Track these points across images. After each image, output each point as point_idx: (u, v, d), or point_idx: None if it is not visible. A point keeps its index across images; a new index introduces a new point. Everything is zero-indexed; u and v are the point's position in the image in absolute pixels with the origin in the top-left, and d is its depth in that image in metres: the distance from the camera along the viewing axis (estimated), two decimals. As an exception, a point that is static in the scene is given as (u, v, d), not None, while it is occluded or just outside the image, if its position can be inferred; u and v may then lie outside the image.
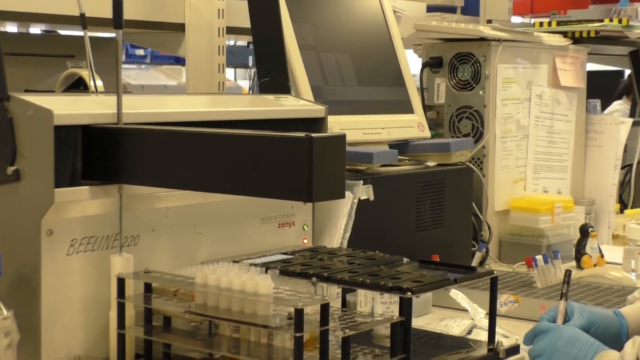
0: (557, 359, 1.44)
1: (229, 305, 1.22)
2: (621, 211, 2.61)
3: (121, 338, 1.30)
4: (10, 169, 1.27)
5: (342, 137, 1.18)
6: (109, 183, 1.33)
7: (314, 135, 1.12)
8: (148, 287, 1.31)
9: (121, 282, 1.30)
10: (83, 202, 1.31)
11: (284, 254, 1.51)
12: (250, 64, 5.64)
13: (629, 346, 1.37)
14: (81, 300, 1.32)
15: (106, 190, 1.33)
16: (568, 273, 1.63)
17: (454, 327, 1.63)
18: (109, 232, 1.34)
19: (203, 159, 1.26)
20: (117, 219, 1.34)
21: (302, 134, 1.13)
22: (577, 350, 1.43)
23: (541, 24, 2.66)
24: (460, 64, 2.32)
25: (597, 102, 2.76)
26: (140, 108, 1.39)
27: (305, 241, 1.63)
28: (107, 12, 1.35)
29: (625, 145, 2.64)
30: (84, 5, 1.55)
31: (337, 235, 1.66)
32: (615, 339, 1.53)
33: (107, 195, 1.33)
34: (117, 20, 1.34)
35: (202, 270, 1.26)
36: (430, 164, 2.04)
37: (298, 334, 1.13)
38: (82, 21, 1.54)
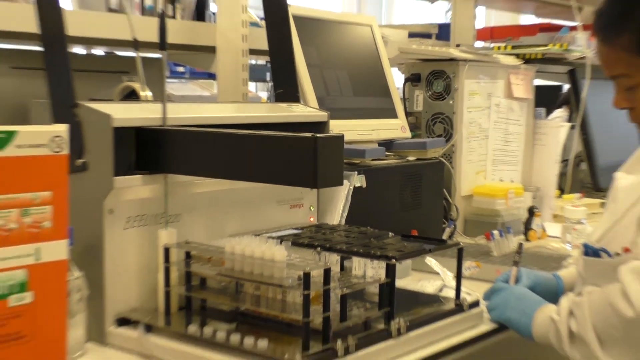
0: (508, 311, 1.44)
1: (252, 269, 1.23)
2: (560, 196, 2.61)
3: (167, 295, 1.31)
4: (79, 162, 1.27)
5: (340, 137, 1.18)
6: (156, 173, 1.33)
7: (318, 135, 1.12)
8: (188, 255, 1.32)
9: (167, 251, 1.30)
10: (136, 188, 1.31)
11: (295, 229, 1.51)
12: (268, 79, 5.63)
13: (564, 300, 1.37)
14: (135, 265, 1.32)
15: (154, 178, 1.33)
16: (520, 245, 1.63)
17: (428, 286, 1.63)
18: (157, 211, 1.34)
19: (230, 153, 1.26)
20: (163, 201, 1.34)
21: (309, 134, 1.13)
22: (524, 305, 1.43)
23: (499, 47, 2.66)
24: (434, 79, 2.31)
25: (543, 110, 2.75)
26: (181, 113, 1.39)
27: (311, 219, 1.63)
28: (154, 37, 1.34)
29: (564, 145, 2.65)
30: (136, 31, 1.55)
31: (337, 214, 1.66)
32: (554, 295, 1.52)
33: (155, 182, 1.33)
34: (162, 44, 1.34)
35: (230, 241, 1.26)
36: (411, 158, 2.04)
37: (306, 292, 1.14)
38: (135, 44, 1.54)
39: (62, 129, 1.00)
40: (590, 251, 1.41)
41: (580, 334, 1.30)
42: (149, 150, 1.32)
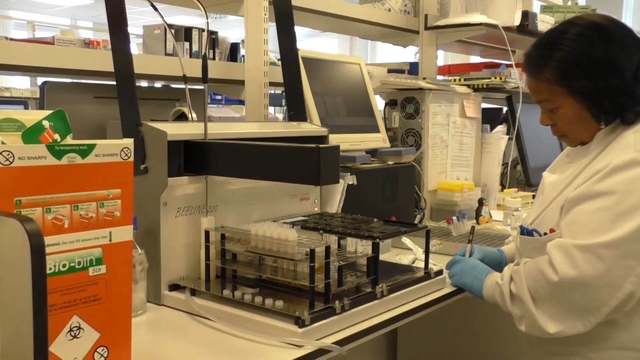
0: (465, 277, 1.42)
1: (271, 247, 1.21)
2: (502, 190, 2.59)
3: (207, 267, 1.30)
4: (142, 166, 1.26)
5: (337, 147, 1.16)
6: (199, 174, 1.31)
7: (320, 145, 1.11)
8: (222, 236, 1.30)
9: (207, 233, 1.29)
10: (184, 186, 1.30)
11: (303, 216, 1.49)
12: (283, 104, 5.63)
13: (506, 269, 1.36)
14: (184, 244, 1.31)
15: (197, 179, 1.32)
16: (472, 227, 1.62)
17: (404, 259, 1.62)
18: (200, 203, 1.33)
19: (255, 160, 1.24)
20: (204, 196, 1.32)
21: (313, 145, 1.12)
22: (476, 272, 1.41)
23: (455, 80, 2.64)
24: (407, 103, 2.29)
25: (488, 126, 2.74)
26: (218, 130, 1.37)
27: (315, 209, 1.61)
28: (199, 73, 1.33)
29: (504, 152, 2.64)
30: (185, 69, 1.54)
31: (335, 205, 1.64)
32: (499, 265, 1.51)
33: (198, 182, 1.32)
34: (204, 78, 1.33)
35: (254, 226, 1.25)
36: (390, 163, 2.02)
37: (312, 264, 1.13)
38: (184, 79, 1.52)
39: (129, 142, 0.99)
40: (525, 231, 1.40)
41: (518, 294, 1.29)
42: (193, 158, 1.30)
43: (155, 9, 1.50)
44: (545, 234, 1.34)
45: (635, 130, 1.30)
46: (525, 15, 2.71)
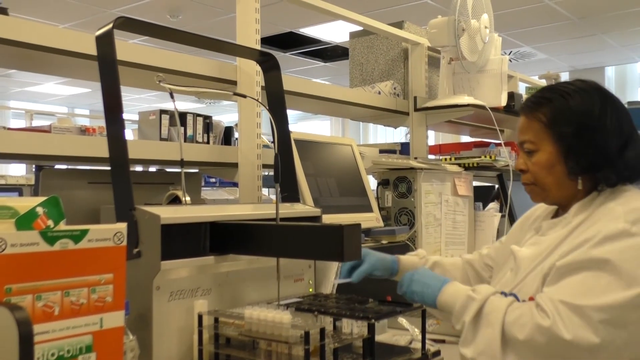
0: (414, 285, 1.42)
1: (265, 330, 1.19)
2: (497, 267, 2.58)
3: (200, 352, 1.27)
4: (135, 250, 1.25)
5: (358, 225, 1.19)
6: (223, 254, 1.33)
7: (344, 224, 1.15)
8: (216, 320, 1.28)
9: (200, 317, 1.27)
10: (177, 269, 1.29)
11: (297, 297, 1.47)
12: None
13: (484, 287, 1.33)
14: (176, 329, 1.28)
15: (191, 262, 1.31)
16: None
17: (401, 340, 1.58)
18: (193, 287, 1.31)
19: (280, 238, 1.27)
20: (197, 279, 1.31)
21: (337, 224, 1.15)
22: (428, 279, 1.40)
23: (445, 159, 2.69)
24: (399, 183, 2.32)
25: (480, 204, 2.76)
26: (211, 212, 1.38)
27: (310, 290, 1.60)
28: (195, 157, 1.35)
29: (497, 228, 2.64)
30: (181, 154, 1.56)
31: (330, 286, 1.62)
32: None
33: (192, 265, 1.31)
34: (277, 178, 1.37)
35: (248, 308, 1.23)
36: (384, 242, 2.03)
37: (306, 347, 1.11)
38: (181, 163, 1.54)
39: (122, 226, 0.99)
40: (505, 296, 1.37)
41: (490, 318, 1.24)
42: (192, 241, 1.30)
43: (172, 97, 1.51)
44: (524, 300, 1.32)
45: (619, 203, 1.30)
46: (512, 96, 2.80)
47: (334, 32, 7.07)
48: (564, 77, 9.14)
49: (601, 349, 1.16)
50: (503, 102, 2.72)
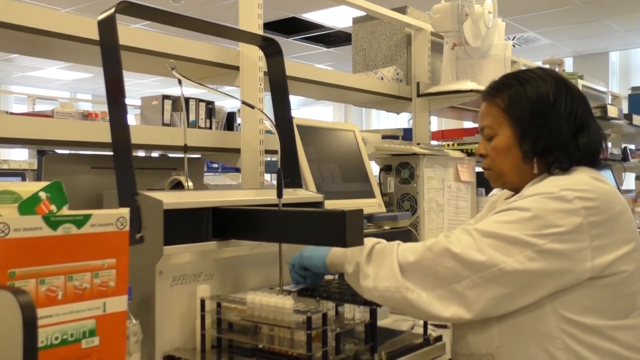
0: (304, 252, 1.39)
1: (267, 315, 1.19)
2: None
3: (202, 337, 1.27)
4: (137, 235, 1.25)
5: (361, 211, 1.18)
6: (226, 239, 1.33)
7: (346, 210, 1.14)
8: (218, 305, 1.28)
9: (202, 302, 1.27)
10: (180, 255, 1.29)
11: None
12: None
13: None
14: (179, 314, 1.29)
15: (194, 247, 1.31)
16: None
17: (403, 325, 1.59)
18: (195, 272, 1.32)
19: (284, 224, 1.26)
20: (200, 264, 1.31)
21: (339, 210, 1.14)
22: (315, 249, 1.38)
23: (448, 145, 2.68)
24: (402, 169, 2.32)
25: (482, 190, 2.76)
26: (214, 198, 1.38)
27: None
28: (198, 143, 1.35)
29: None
30: (185, 139, 1.56)
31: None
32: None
33: (194, 250, 1.31)
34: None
35: (250, 293, 1.23)
36: (386, 227, 2.03)
37: (308, 332, 1.11)
38: (185, 149, 1.54)
39: (124, 211, 0.99)
40: None
41: (384, 251, 1.27)
42: (194, 226, 1.30)
43: (180, 83, 1.50)
44: None
45: (561, 178, 1.31)
46: (514, 81, 2.78)
47: (336, 18, 7.03)
48: (568, 62, 9.08)
49: (489, 267, 1.18)
50: (506, 87, 2.71)
